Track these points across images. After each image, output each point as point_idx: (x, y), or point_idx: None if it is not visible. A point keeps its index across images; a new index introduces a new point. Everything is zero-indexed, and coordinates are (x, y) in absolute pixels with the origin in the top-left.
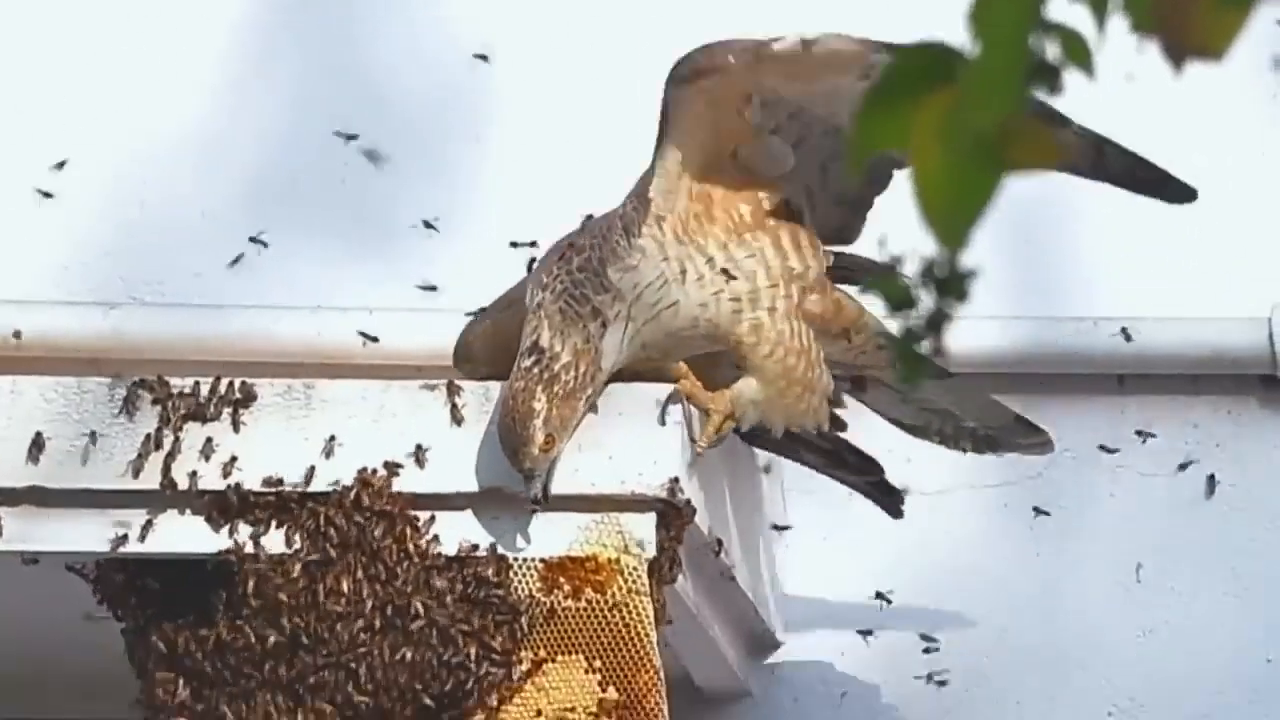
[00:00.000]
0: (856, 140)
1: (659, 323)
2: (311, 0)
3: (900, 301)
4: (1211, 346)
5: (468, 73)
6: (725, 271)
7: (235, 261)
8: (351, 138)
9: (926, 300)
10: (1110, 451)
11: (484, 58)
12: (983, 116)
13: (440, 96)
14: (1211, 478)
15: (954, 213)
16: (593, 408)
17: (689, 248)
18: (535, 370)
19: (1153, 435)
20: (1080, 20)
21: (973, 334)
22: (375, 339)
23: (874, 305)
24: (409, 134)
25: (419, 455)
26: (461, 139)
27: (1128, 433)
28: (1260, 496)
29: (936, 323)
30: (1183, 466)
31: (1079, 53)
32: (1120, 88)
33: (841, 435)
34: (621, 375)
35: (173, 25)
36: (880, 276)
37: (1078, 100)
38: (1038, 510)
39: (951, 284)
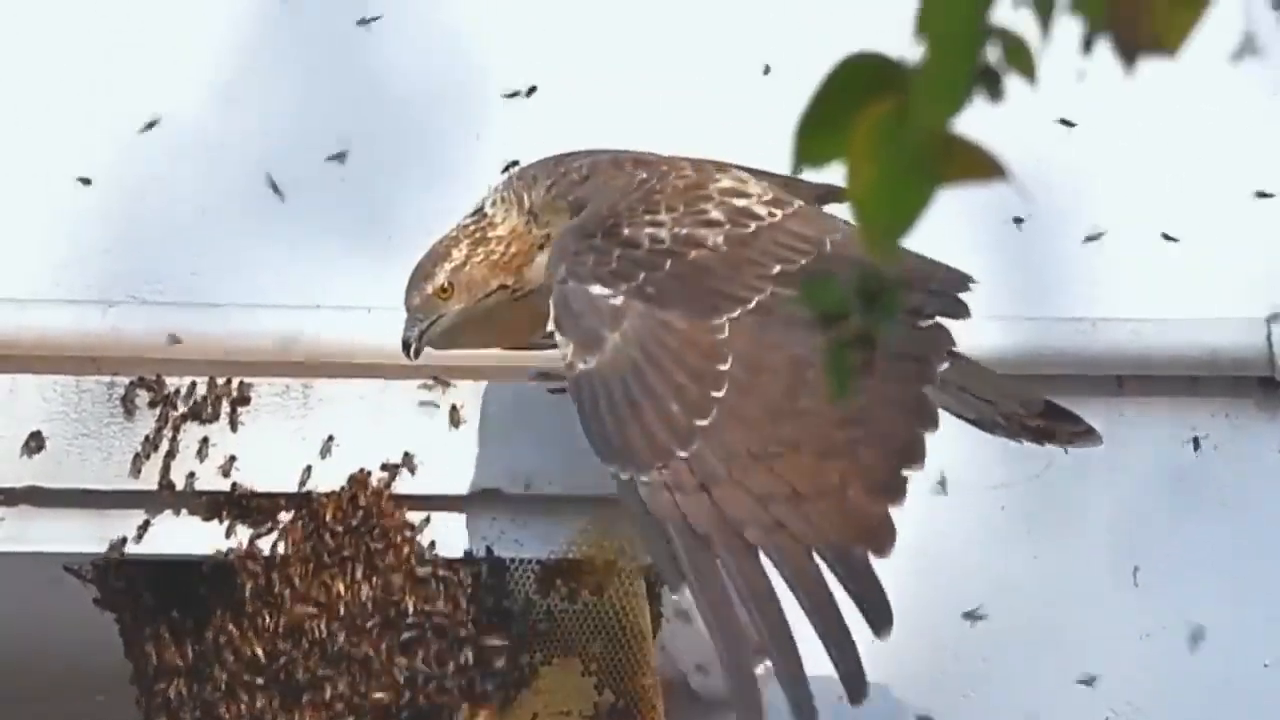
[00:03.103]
0: (796, 155)
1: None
2: None
3: (832, 312)
4: (1209, 348)
5: (468, 72)
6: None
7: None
8: (339, 156)
9: (858, 313)
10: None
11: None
12: (931, 119)
13: (440, 94)
14: (1209, 481)
15: (888, 226)
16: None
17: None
18: (470, 227)
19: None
20: (1028, 23)
21: (974, 334)
22: None
23: None
24: (409, 132)
25: (416, 457)
26: (462, 138)
27: (1126, 434)
28: (1258, 499)
29: (868, 337)
30: (1180, 469)
31: (1021, 58)
32: (1121, 86)
33: None
34: None
35: (173, 21)
36: (813, 285)
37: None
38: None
39: (884, 297)
